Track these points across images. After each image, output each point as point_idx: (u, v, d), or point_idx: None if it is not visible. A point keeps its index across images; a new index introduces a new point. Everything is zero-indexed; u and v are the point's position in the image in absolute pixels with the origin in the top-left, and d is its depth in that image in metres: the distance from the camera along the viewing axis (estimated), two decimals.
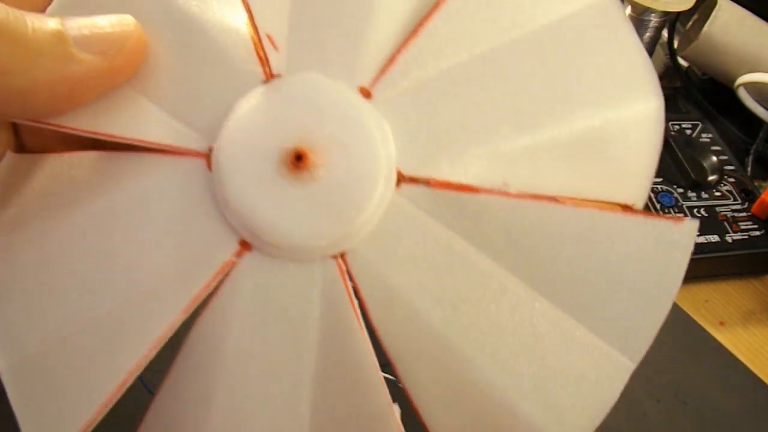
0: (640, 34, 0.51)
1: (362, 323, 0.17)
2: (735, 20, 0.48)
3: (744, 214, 0.42)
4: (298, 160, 0.16)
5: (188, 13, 0.17)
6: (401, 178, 0.17)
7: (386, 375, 0.18)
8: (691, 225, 0.17)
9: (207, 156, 0.17)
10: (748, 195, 0.43)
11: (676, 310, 0.40)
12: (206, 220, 0.17)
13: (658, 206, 0.41)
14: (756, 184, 0.45)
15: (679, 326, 0.39)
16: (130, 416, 0.29)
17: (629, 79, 0.17)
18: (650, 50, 0.52)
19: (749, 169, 0.46)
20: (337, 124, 0.17)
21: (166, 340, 0.17)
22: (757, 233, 0.41)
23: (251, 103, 0.17)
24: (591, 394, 0.17)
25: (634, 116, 0.17)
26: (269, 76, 0.17)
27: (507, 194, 0.17)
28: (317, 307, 0.17)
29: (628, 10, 0.50)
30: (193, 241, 0.17)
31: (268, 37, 0.17)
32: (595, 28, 0.18)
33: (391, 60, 0.17)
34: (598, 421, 0.17)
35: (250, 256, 0.17)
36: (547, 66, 0.17)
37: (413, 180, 0.17)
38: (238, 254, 0.17)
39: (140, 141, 0.17)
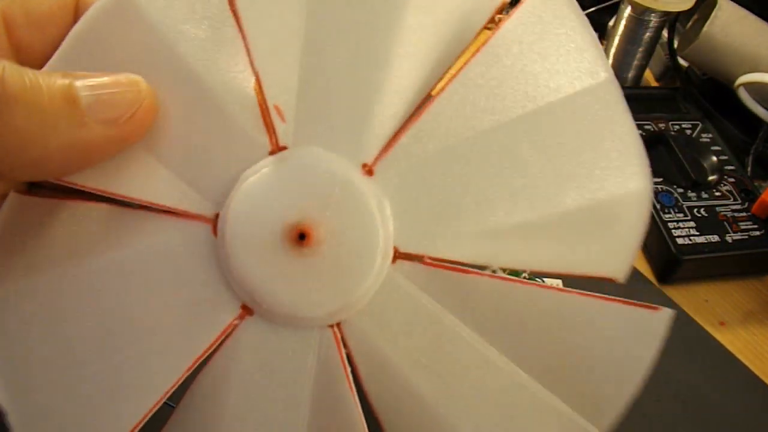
0: (640, 34, 0.51)
1: (353, 388, 0.18)
2: (735, 20, 0.48)
3: (744, 214, 0.42)
4: (301, 238, 0.17)
5: (195, 71, 0.18)
6: (397, 255, 0.18)
7: None
8: (665, 314, 0.18)
9: (213, 222, 0.18)
10: (748, 195, 0.43)
11: (676, 310, 0.40)
12: (210, 282, 0.18)
13: (658, 206, 0.41)
14: (756, 184, 0.45)
15: (679, 326, 0.39)
16: None
17: (621, 162, 0.19)
18: (650, 50, 0.52)
19: (749, 169, 0.46)
20: (341, 203, 0.18)
21: (170, 393, 0.18)
22: (757, 233, 0.41)
23: (258, 176, 0.18)
24: None
25: (623, 198, 0.19)
26: (276, 147, 0.18)
27: (495, 277, 0.18)
28: (312, 370, 0.18)
29: (628, 9, 0.50)
30: (198, 301, 0.18)
31: (276, 108, 0.18)
32: (590, 111, 0.18)
33: (393, 139, 0.18)
34: None
35: (251, 319, 0.18)
36: (543, 148, 0.18)
37: (408, 257, 0.18)
38: (240, 317, 0.18)
39: (148, 202, 0.18)
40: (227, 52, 0.18)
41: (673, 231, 0.40)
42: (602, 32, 0.60)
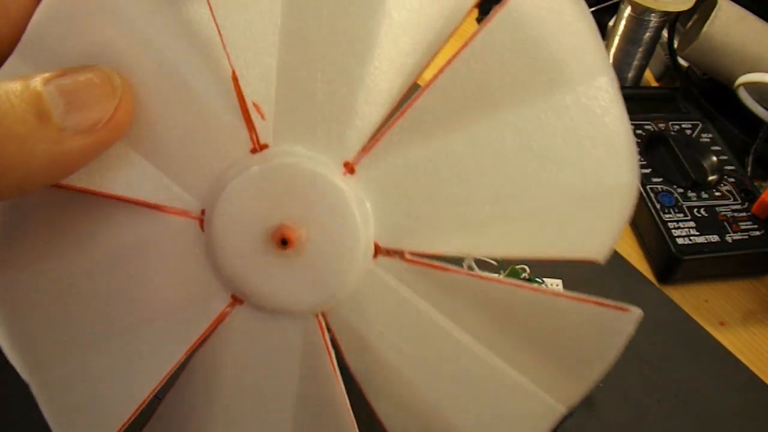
0: (640, 34, 0.51)
1: (336, 367, 0.20)
2: (735, 20, 0.48)
3: (744, 214, 0.42)
4: (283, 244, 0.18)
5: (171, 62, 0.18)
6: (378, 251, 0.19)
7: None
8: (634, 315, 0.19)
9: (200, 218, 0.19)
10: (748, 195, 0.43)
11: (676, 310, 0.40)
12: (201, 273, 0.19)
13: (658, 206, 0.41)
14: (756, 184, 0.45)
15: (679, 326, 0.39)
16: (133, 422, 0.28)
17: (609, 158, 0.18)
18: (650, 50, 0.52)
19: (749, 169, 0.46)
20: (322, 205, 0.18)
21: (172, 372, 0.20)
22: (757, 233, 0.41)
23: (241, 179, 0.18)
24: (526, 429, 0.20)
25: (608, 191, 0.19)
26: (257, 145, 0.18)
27: (472, 274, 0.19)
28: (299, 350, 0.20)
29: (628, 9, 0.50)
30: (192, 291, 0.19)
31: (255, 105, 0.18)
32: (582, 108, 0.18)
33: (376, 137, 0.18)
34: None
35: (241, 308, 0.20)
36: (529, 143, 0.18)
37: (388, 252, 0.19)
38: (231, 305, 0.20)
39: (134, 200, 0.18)
40: (202, 45, 0.18)
41: (673, 231, 0.40)
42: (602, 32, 0.60)
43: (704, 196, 0.43)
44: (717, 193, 0.43)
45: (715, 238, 0.40)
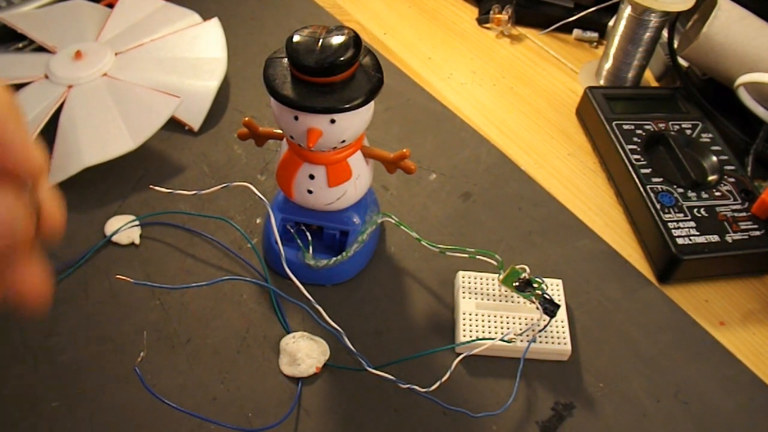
0: (640, 34, 0.51)
1: (64, 104, 0.47)
2: (735, 20, 0.48)
3: (744, 214, 0.42)
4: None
5: None
6: (106, 75, 0.50)
7: (386, 375, 0.20)
8: (177, 100, 0.48)
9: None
10: (748, 195, 0.43)
11: (676, 310, 0.40)
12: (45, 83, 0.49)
13: (658, 206, 0.41)
14: (756, 184, 0.45)
15: (679, 326, 0.39)
16: (128, 413, 0.29)
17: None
18: (650, 50, 0.52)
19: (749, 169, 0.46)
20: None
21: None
22: (757, 233, 0.41)
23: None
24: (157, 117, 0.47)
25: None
26: None
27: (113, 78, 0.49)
28: (56, 96, 0.48)
29: (628, 9, 0.50)
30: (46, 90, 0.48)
31: None
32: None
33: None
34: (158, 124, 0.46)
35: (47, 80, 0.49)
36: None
37: (110, 77, 0.50)
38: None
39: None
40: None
41: (673, 231, 0.40)
42: (602, 32, 0.60)
43: (704, 196, 0.43)
44: (717, 193, 0.43)
45: (715, 238, 0.40)
